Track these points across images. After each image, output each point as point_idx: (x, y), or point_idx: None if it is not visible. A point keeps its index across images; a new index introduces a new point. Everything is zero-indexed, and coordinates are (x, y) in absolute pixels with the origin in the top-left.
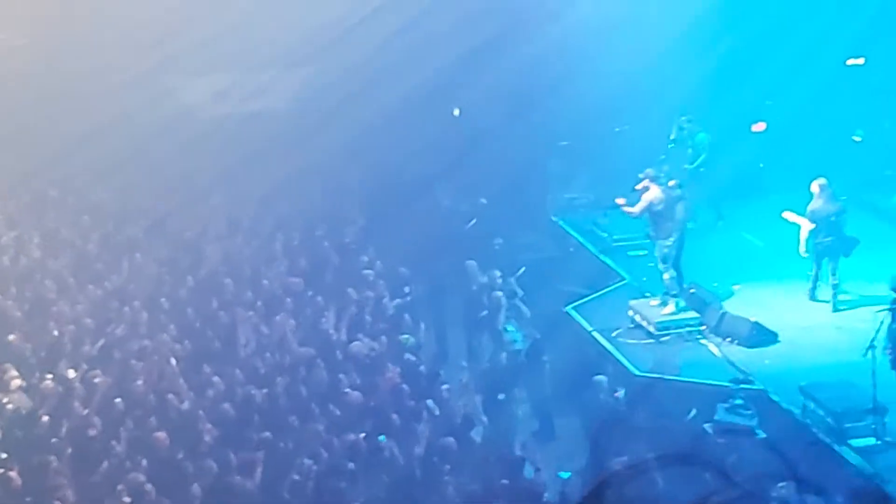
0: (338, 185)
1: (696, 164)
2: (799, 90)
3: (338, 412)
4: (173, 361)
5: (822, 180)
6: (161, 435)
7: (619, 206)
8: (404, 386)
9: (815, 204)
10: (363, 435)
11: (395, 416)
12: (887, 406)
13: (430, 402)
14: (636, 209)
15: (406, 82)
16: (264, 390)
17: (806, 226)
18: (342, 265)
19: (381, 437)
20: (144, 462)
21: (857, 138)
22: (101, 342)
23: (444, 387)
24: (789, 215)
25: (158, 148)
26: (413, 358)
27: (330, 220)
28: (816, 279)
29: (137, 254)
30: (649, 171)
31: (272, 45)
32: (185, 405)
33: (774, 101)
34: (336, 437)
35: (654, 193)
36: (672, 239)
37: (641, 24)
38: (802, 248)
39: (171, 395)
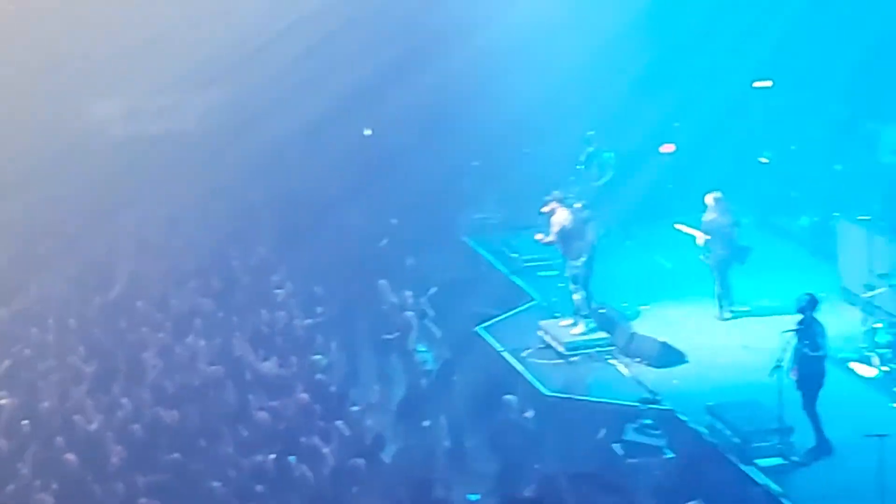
0: (247, 205)
1: (601, 182)
2: (707, 112)
3: (247, 433)
4: (79, 383)
5: (716, 193)
6: (70, 456)
7: (534, 227)
8: (315, 406)
9: (710, 216)
10: (273, 456)
11: (304, 437)
12: (793, 426)
13: (339, 422)
14: (551, 237)
15: (315, 102)
16: (173, 412)
17: (700, 237)
18: (252, 285)
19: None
20: (54, 484)
21: (765, 160)
22: (6, 363)
23: (355, 407)
24: (683, 227)
25: (66, 167)
26: (324, 378)
27: (240, 239)
28: (720, 297)
29: (45, 273)
30: (556, 193)
31: (180, 65)
32: (93, 426)
33: (682, 122)
34: (245, 459)
35: (562, 216)
36: (582, 259)
37: (552, 46)
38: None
39: (77, 417)
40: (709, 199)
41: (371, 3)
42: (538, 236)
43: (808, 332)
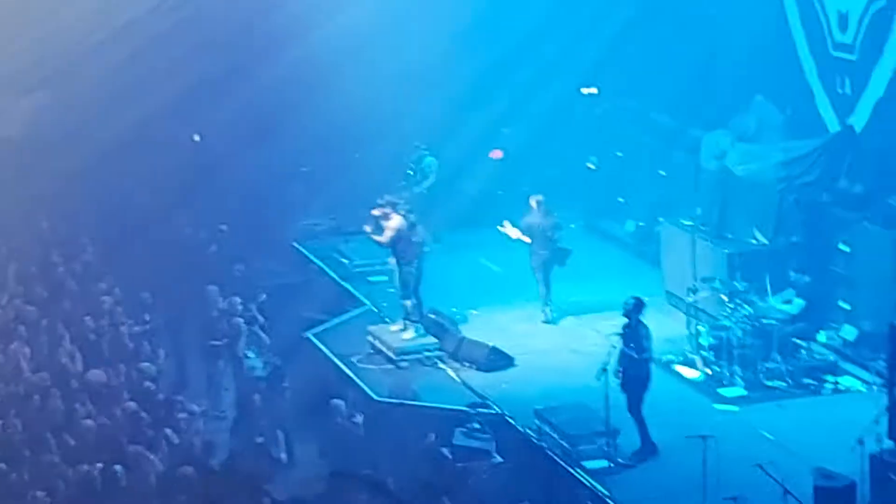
0: (73, 212)
1: (423, 188)
2: (535, 118)
3: (73, 442)
4: None
5: (539, 196)
6: None
7: (365, 233)
8: (142, 414)
9: (532, 219)
10: (100, 465)
11: (132, 446)
12: (619, 428)
13: (168, 430)
14: (384, 238)
15: (142, 108)
16: None
17: (522, 238)
18: (79, 292)
19: None
20: None
21: (591, 166)
22: None
23: (183, 415)
24: (508, 228)
25: None
26: (152, 386)
27: (66, 247)
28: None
29: None
30: (388, 198)
31: (3, 70)
32: None
33: (511, 128)
34: (71, 468)
35: (397, 221)
36: (414, 265)
37: (382, 50)
38: None
39: None
40: (532, 201)
41: (200, 9)
42: (368, 228)
43: (634, 335)
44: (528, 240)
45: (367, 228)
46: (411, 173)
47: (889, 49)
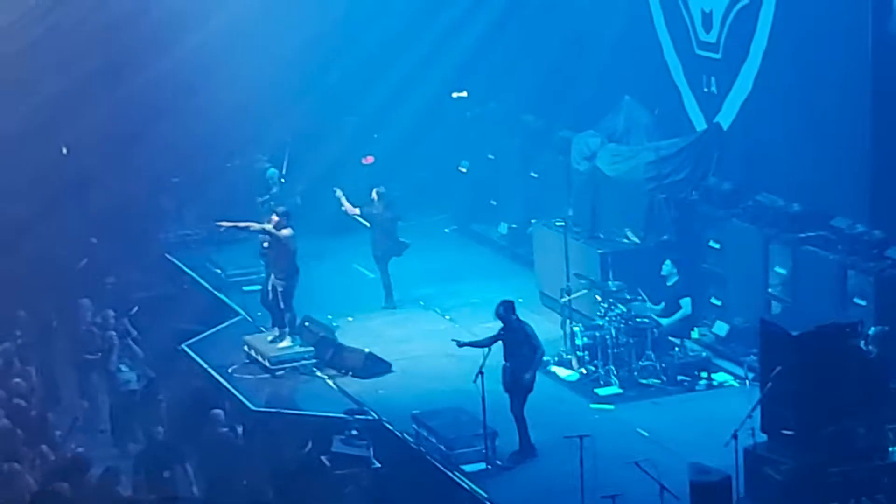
0: None
1: (264, 199)
2: (405, 123)
3: None
4: None
5: (380, 188)
6: None
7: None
8: (16, 431)
9: (374, 209)
10: None
11: (5, 464)
12: (497, 430)
13: (43, 446)
14: (285, 258)
15: (8, 120)
16: None
17: (355, 214)
18: None
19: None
20: None
21: (463, 169)
22: None
23: (57, 431)
24: (342, 197)
25: None
26: (23, 403)
27: None
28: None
29: None
30: (281, 209)
31: None
32: None
33: (381, 133)
34: None
35: (287, 233)
36: (297, 276)
37: (251, 57)
38: None
39: None
40: (373, 193)
41: (63, 19)
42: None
43: (515, 336)
44: (364, 222)
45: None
46: (284, 181)
47: (754, 47)
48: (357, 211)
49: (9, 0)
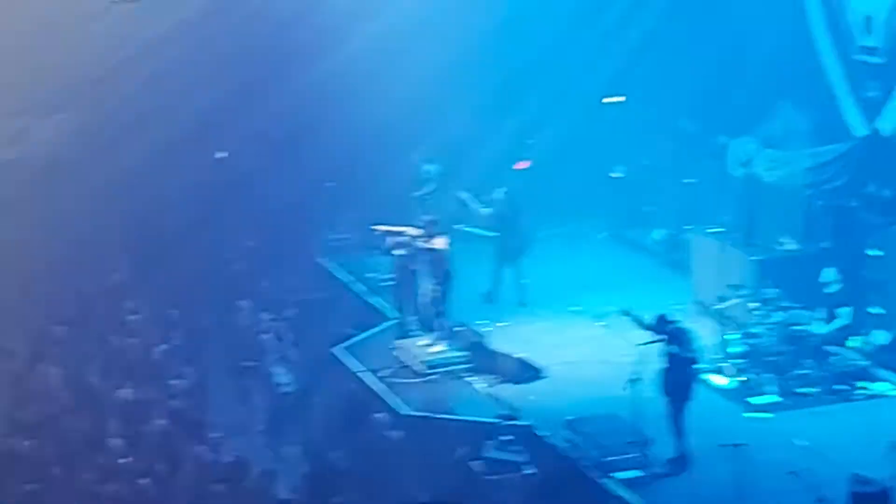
0: (99, 231)
1: (424, 193)
2: (559, 128)
3: (103, 461)
4: None
5: (504, 189)
6: None
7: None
8: (172, 432)
9: (502, 209)
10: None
11: (162, 464)
12: (651, 438)
13: (199, 447)
14: (442, 266)
15: (167, 126)
16: (26, 442)
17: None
18: (106, 311)
19: None
20: None
21: (618, 175)
22: None
23: (213, 432)
24: (470, 201)
25: None
26: (180, 404)
27: (93, 266)
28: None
29: None
30: (428, 218)
31: (26, 91)
32: None
33: (536, 139)
34: (102, 487)
35: (444, 242)
36: (452, 281)
37: (407, 64)
38: None
39: None
40: (500, 193)
41: (222, 26)
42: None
43: (678, 340)
44: (486, 232)
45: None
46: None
47: None
48: (488, 211)
49: (168, 6)
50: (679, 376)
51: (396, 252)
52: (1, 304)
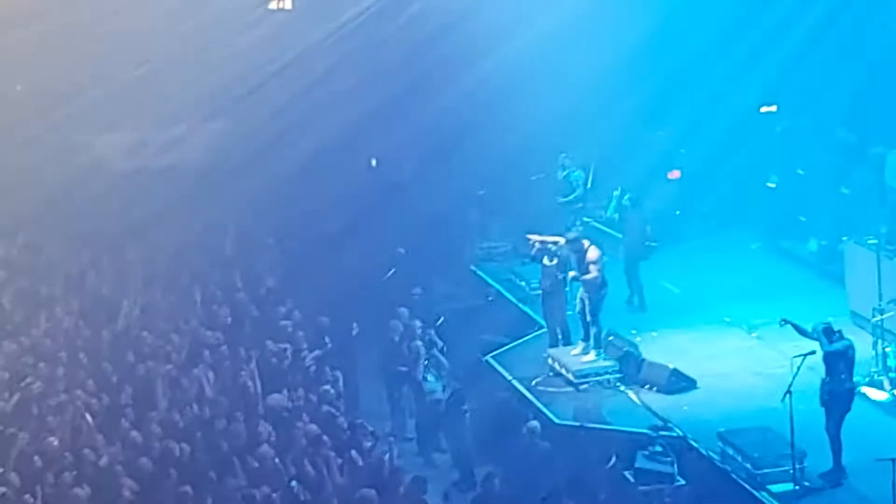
0: (253, 237)
1: (570, 199)
2: (712, 137)
3: (256, 465)
4: (89, 417)
5: (631, 193)
6: (79, 491)
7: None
8: (324, 437)
9: (630, 214)
10: (285, 486)
11: (313, 469)
12: (805, 451)
13: (352, 453)
14: (596, 275)
15: (321, 133)
16: (182, 444)
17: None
18: (260, 317)
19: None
20: None
21: (772, 185)
22: (16, 397)
23: (367, 438)
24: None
25: (72, 201)
26: (332, 409)
27: (247, 271)
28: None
29: (54, 308)
30: (579, 228)
31: (183, 99)
32: (103, 461)
33: (688, 148)
34: (255, 490)
35: (596, 253)
36: (605, 290)
37: (555, 71)
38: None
39: (87, 451)
40: (626, 199)
41: (375, 34)
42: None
43: (839, 351)
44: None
45: (547, 261)
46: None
47: None
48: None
49: (322, 13)
50: (838, 387)
51: (546, 261)
52: (158, 307)
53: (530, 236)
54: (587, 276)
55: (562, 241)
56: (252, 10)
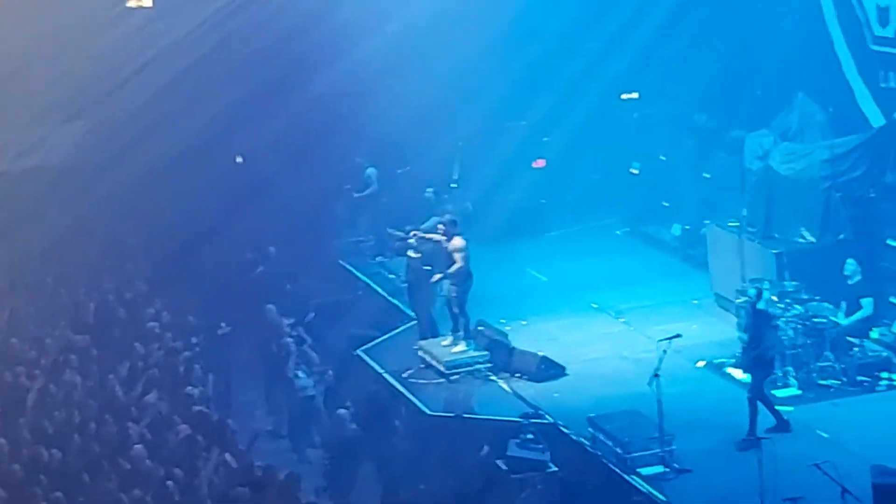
0: (119, 238)
1: (362, 195)
2: (576, 126)
3: (128, 467)
4: None
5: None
6: None
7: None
8: (197, 437)
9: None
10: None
11: (186, 468)
12: (674, 433)
13: (221, 452)
14: (461, 264)
15: (185, 131)
16: (53, 450)
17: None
18: (128, 319)
19: None
20: None
21: (635, 171)
22: None
23: (237, 436)
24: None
25: None
26: (204, 409)
27: (114, 273)
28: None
29: None
30: (447, 217)
31: (44, 100)
32: None
33: (552, 137)
34: (127, 493)
35: (459, 243)
36: (470, 281)
37: (420, 65)
38: None
39: None
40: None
41: (237, 31)
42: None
43: (759, 319)
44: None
45: (412, 254)
46: (455, 186)
47: None
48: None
49: (184, 12)
50: (765, 353)
51: (412, 254)
52: (24, 312)
53: (393, 231)
54: (451, 268)
55: (425, 235)
56: (111, 9)
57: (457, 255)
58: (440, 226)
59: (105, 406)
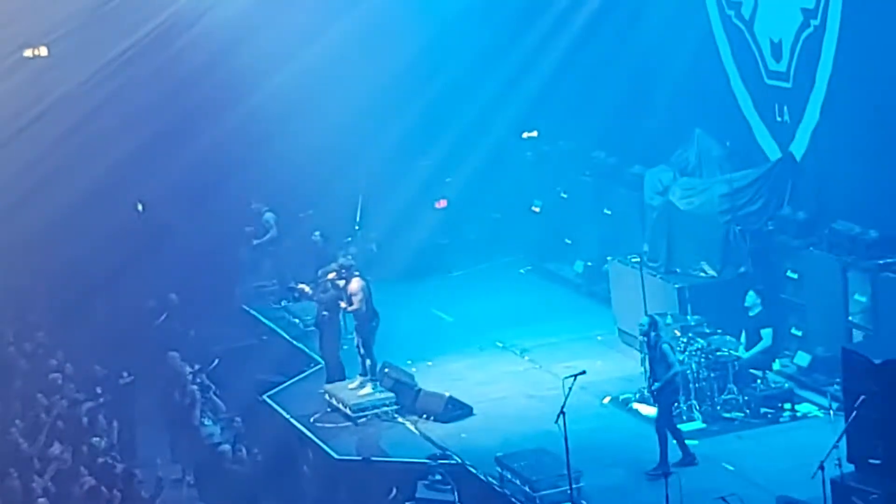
0: (18, 287)
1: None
2: (477, 164)
3: None
4: None
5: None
6: None
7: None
8: (102, 488)
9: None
10: None
11: None
12: (581, 470)
13: (126, 502)
14: (357, 306)
15: (84, 179)
16: None
17: None
18: (30, 370)
19: None
20: None
21: (536, 209)
22: None
23: (143, 485)
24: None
25: None
26: (108, 460)
27: (14, 324)
28: None
29: None
30: (342, 260)
31: None
32: None
33: (454, 176)
34: None
35: (357, 284)
36: (375, 322)
37: (319, 105)
38: None
39: None
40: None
41: (131, 77)
42: (307, 289)
43: (654, 353)
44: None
45: (307, 289)
46: (358, 228)
47: (820, 75)
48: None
49: (79, 61)
50: (668, 382)
51: (316, 297)
52: None
53: (297, 286)
54: (351, 308)
55: (328, 277)
56: (6, 58)
57: (354, 298)
58: (331, 273)
59: (8, 459)
